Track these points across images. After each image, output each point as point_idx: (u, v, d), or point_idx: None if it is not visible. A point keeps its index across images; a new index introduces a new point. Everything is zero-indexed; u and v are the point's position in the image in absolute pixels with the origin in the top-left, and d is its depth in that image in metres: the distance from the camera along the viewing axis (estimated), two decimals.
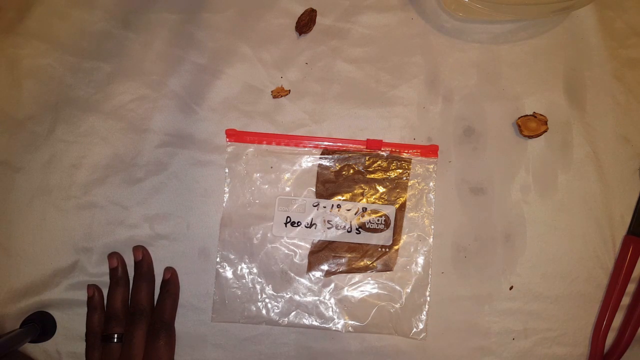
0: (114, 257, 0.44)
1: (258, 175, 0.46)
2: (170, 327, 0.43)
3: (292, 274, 0.45)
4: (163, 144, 0.47)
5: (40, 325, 0.44)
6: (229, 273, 0.45)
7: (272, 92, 0.47)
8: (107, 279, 0.45)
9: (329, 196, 0.46)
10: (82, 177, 0.46)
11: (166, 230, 0.46)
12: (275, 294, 0.45)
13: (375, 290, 0.45)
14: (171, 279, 0.44)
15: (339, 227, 0.46)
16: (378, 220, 0.46)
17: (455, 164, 0.47)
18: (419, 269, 0.46)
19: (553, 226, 0.46)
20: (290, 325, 0.45)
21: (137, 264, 0.45)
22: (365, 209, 0.46)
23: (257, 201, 0.46)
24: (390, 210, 0.46)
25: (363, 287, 0.45)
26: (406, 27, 0.49)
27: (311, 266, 0.46)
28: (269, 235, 0.46)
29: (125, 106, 0.47)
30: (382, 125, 0.47)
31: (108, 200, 0.46)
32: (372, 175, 0.46)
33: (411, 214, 0.46)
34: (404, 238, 0.46)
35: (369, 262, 0.45)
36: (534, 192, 0.47)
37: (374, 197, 0.46)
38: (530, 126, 0.47)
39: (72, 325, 0.45)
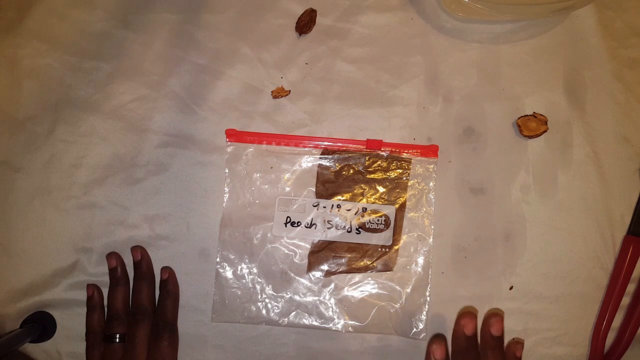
0: (113, 257, 0.44)
1: (258, 175, 0.46)
2: (174, 327, 0.43)
3: (292, 274, 0.46)
4: (163, 144, 0.47)
5: (40, 325, 0.44)
6: (229, 273, 0.45)
7: (272, 92, 0.47)
8: (107, 279, 0.45)
9: (329, 196, 0.46)
10: (82, 177, 0.46)
11: (166, 231, 0.46)
12: (275, 294, 0.45)
13: (375, 290, 0.45)
14: (169, 279, 0.44)
15: (339, 227, 0.46)
16: (378, 220, 0.46)
17: (455, 164, 0.47)
18: (419, 269, 0.46)
19: (553, 226, 0.46)
20: (290, 325, 0.45)
21: (137, 264, 0.45)
22: (365, 209, 0.46)
23: (257, 201, 0.46)
24: (390, 210, 0.46)
25: (363, 287, 0.45)
26: (406, 27, 0.49)
27: (311, 266, 0.46)
28: (269, 235, 0.46)
29: (125, 106, 0.47)
30: (382, 125, 0.47)
31: (108, 200, 0.46)
32: (372, 175, 0.46)
33: (411, 214, 0.46)
34: (404, 238, 0.46)
35: (369, 262, 0.45)
36: (534, 192, 0.47)
37: (374, 197, 0.46)
38: (530, 126, 0.47)
39: (72, 325, 0.45)
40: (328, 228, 0.46)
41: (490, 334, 0.38)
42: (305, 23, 0.48)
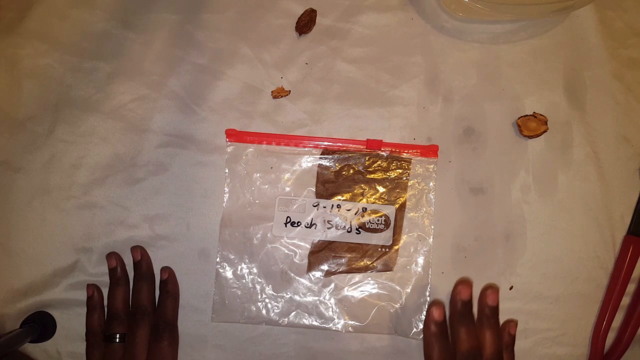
0: (113, 257, 0.44)
1: (258, 175, 0.46)
2: (174, 327, 0.43)
3: (292, 274, 0.46)
4: (163, 144, 0.47)
5: (40, 325, 0.44)
6: (229, 273, 0.45)
7: (272, 92, 0.47)
8: (107, 278, 0.45)
9: (329, 196, 0.46)
10: (82, 177, 0.46)
11: (166, 231, 0.46)
12: (275, 294, 0.45)
13: (375, 290, 0.45)
14: (169, 279, 0.44)
15: (339, 227, 0.46)
16: (378, 220, 0.46)
17: (455, 164, 0.47)
18: (419, 269, 0.46)
19: (553, 226, 0.46)
20: (290, 325, 0.45)
21: (137, 264, 0.45)
22: (365, 209, 0.46)
23: (257, 201, 0.46)
24: (390, 210, 0.46)
25: (363, 287, 0.45)
26: (406, 27, 0.49)
27: (311, 266, 0.46)
28: (269, 235, 0.46)
29: (125, 106, 0.47)
30: (382, 125, 0.47)
31: (108, 200, 0.46)
32: (372, 175, 0.46)
33: (411, 214, 0.46)
34: (404, 238, 0.46)
35: (369, 262, 0.45)
36: (534, 192, 0.47)
37: (374, 197, 0.46)
38: (530, 126, 0.47)
39: (72, 325, 0.45)
40: (328, 228, 0.46)
41: (486, 303, 0.40)
42: (305, 23, 0.48)
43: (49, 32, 0.48)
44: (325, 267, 0.46)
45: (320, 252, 0.46)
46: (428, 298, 0.45)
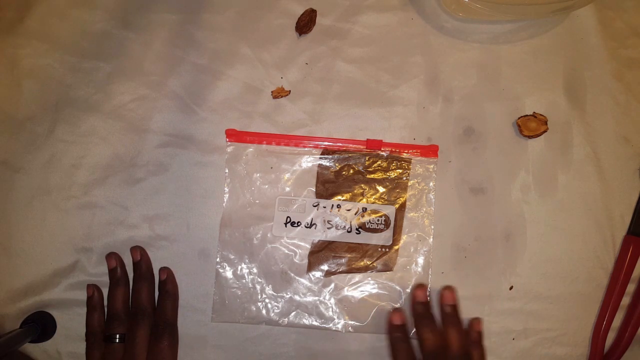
0: (113, 258, 0.44)
1: (258, 175, 0.46)
2: (174, 327, 0.43)
3: (292, 274, 0.46)
4: (163, 144, 0.47)
5: (40, 325, 0.44)
6: (229, 273, 0.45)
7: (272, 92, 0.47)
8: (107, 279, 0.45)
9: (329, 196, 0.46)
10: (82, 177, 0.46)
11: (166, 231, 0.46)
12: (275, 294, 0.45)
13: (375, 290, 0.45)
14: (168, 279, 0.44)
15: (339, 227, 0.46)
16: (378, 220, 0.46)
17: (455, 164, 0.47)
18: (419, 269, 0.46)
19: (553, 226, 0.46)
20: (290, 325, 0.45)
21: (136, 265, 0.45)
22: (365, 209, 0.46)
23: (257, 201, 0.46)
24: (390, 210, 0.46)
25: (363, 287, 0.45)
26: (406, 27, 0.49)
27: (311, 266, 0.46)
28: (269, 235, 0.46)
29: (125, 106, 0.47)
30: (382, 125, 0.47)
31: (108, 200, 0.46)
32: (372, 175, 0.46)
33: (411, 214, 0.46)
34: (404, 238, 0.46)
35: (369, 262, 0.45)
36: (534, 192, 0.47)
37: (374, 197, 0.46)
38: (530, 126, 0.47)
39: (72, 325, 0.45)
40: (328, 228, 0.46)
41: (445, 303, 0.43)
42: (305, 23, 0.48)
43: (49, 32, 0.48)
44: (325, 267, 0.46)
45: (320, 252, 0.46)
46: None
